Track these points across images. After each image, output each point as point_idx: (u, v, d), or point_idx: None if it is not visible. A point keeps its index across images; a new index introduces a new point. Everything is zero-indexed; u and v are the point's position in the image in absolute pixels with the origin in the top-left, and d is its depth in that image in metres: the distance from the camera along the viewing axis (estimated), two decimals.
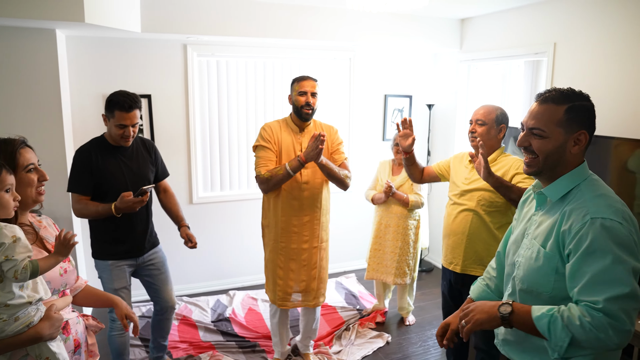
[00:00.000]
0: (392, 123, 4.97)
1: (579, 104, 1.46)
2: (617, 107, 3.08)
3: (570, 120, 1.45)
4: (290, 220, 2.88)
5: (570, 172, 1.49)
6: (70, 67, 3.73)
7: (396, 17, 4.28)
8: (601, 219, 1.36)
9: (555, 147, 1.47)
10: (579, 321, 1.32)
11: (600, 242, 1.35)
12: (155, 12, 3.51)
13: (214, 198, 4.42)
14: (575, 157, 1.49)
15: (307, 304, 3.01)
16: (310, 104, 2.80)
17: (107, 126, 2.61)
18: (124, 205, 2.44)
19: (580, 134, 1.46)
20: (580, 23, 3.32)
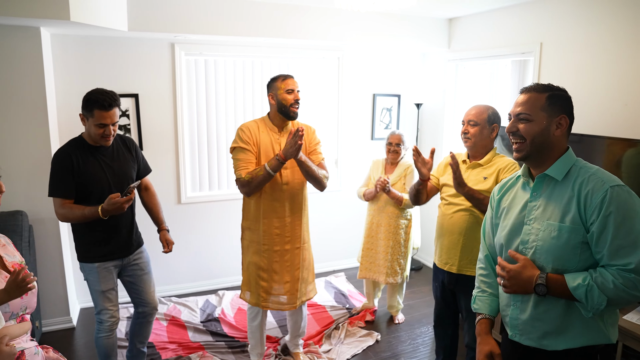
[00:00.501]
0: (380, 122, 4.98)
1: (558, 93, 1.65)
2: (602, 106, 3.12)
3: (552, 105, 1.62)
4: (272, 222, 2.84)
5: (564, 155, 1.64)
6: (56, 66, 3.68)
7: (384, 16, 4.29)
8: (619, 186, 1.52)
9: (541, 130, 1.62)
10: (613, 284, 1.48)
11: (621, 207, 1.49)
12: (143, 11, 3.48)
13: (202, 198, 4.39)
14: (558, 141, 1.64)
15: (292, 307, 2.97)
16: (299, 102, 2.79)
17: (86, 126, 2.52)
18: (112, 207, 2.39)
19: (561, 118, 1.62)
20: (566, 23, 3.36)
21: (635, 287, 1.47)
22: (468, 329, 2.65)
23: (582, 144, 2.93)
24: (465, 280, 2.58)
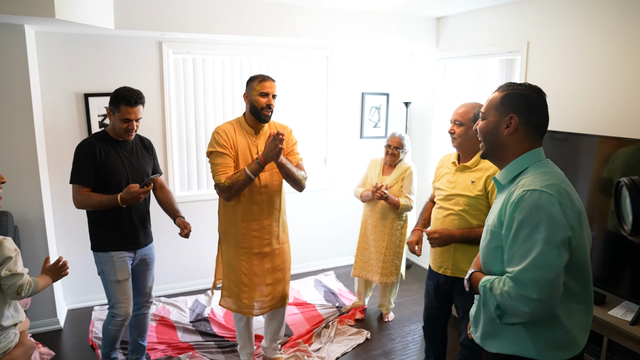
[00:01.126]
0: (369, 121, 4.99)
1: (517, 92, 1.56)
2: (588, 104, 3.15)
3: (504, 104, 1.57)
4: (250, 225, 2.82)
5: (519, 157, 1.57)
6: (41, 64, 3.63)
7: (373, 15, 4.30)
8: (531, 191, 1.44)
9: (489, 128, 1.60)
10: (500, 290, 1.45)
11: (522, 213, 1.43)
12: (129, 9, 3.44)
13: (191, 197, 4.37)
14: (511, 141, 1.58)
15: (274, 306, 2.96)
16: (272, 107, 2.74)
17: (111, 120, 2.69)
18: (130, 196, 2.54)
19: (511, 117, 1.55)
20: (553, 22, 3.39)
21: (516, 297, 1.40)
22: (464, 327, 2.64)
23: (568, 142, 2.96)
24: (461, 281, 2.53)
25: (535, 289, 1.37)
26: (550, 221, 1.39)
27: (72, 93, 3.77)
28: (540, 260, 1.38)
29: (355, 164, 4.94)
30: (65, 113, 3.78)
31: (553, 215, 1.40)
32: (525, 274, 1.39)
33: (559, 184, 1.46)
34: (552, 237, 1.39)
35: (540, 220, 1.40)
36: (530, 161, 1.56)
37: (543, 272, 1.38)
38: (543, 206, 1.41)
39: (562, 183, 1.48)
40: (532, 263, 1.39)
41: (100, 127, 3.85)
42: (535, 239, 1.40)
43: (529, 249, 1.40)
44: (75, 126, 3.82)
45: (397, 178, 3.57)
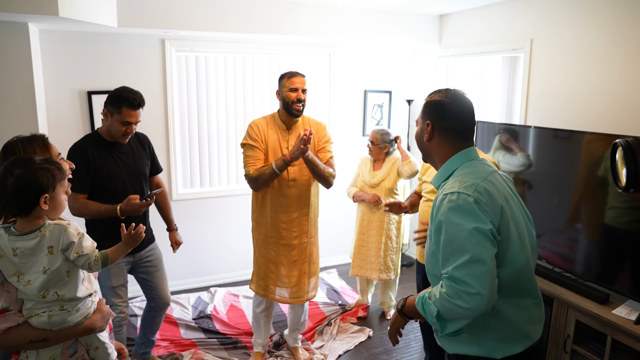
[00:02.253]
0: (372, 118, 4.99)
1: (430, 99, 1.66)
2: (591, 102, 3.14)
3: (423, 112, 1.68)
4: (278, 217, 2.89)
5: (446, 162, 1.64)
6: (45, 62, 3.63)
7: (375, 12, 4.29)
8: (450, 194, 1.49)
9: (417, 135, 1.71)
10: (439, 294, 1.47)
11: (444, 215, 1.48)
12: (132, 6, 3.44)
13: (194, 195, 4.37)
14: (433, 147, 1.66)
15: (299, 300, 3.01)
16: (302, 101, 2.80)
17: (108, 122, 2.53)
18: (129, 207, 2.43)
19: (427, 124, 1.65)
20: (556, 20, 3.38)
21: (456, 296, 1.41)
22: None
23: (571, 140, 2.95)
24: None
25: (473, 282, 1.39)
26: (471, 219, 1.43)
27: (76, 91, 3.78)
28: (470, 255, 1.40)
29: (358, 161, 4.93)
30: (69, 110, 3.78)
31: (473, 213, 1.44)
32: (460, 271, 1.41)
33: (477, 183, 1.49)
34: (477, 232, 1.42)
35: (462, 219, 1.44)
36: (456, 164, 1.61)
37: (476, 266, 1.40)
38: (462, 206, 1.45)
39: (483, 181, 1.51)
40: (464, 260, 1.41)
41: None
42: (461, 237, 1.43)
43: (458, 248, 1.43)
44: (78, 123, 3.83)
45: (389, 170, 3.64)
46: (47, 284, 1.50)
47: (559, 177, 2.98)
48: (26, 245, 1.48)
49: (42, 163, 1.50)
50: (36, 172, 1.47)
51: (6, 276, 1.50)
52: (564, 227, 2.99)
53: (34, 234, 1.49)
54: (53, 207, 1.53)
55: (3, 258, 1.49)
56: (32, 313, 1.52)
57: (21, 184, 1.45)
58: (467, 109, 1.63)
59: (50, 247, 1.50)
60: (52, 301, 1.53)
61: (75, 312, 1.57)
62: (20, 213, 1.48)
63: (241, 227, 4.49)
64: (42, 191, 1.48)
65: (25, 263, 1.49)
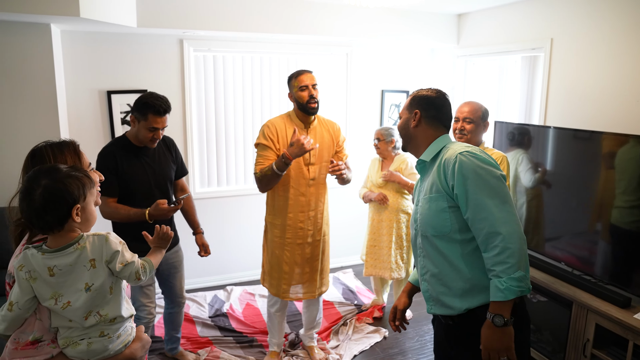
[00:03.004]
0: (389, 119, 4.97)
1: (418, 94, 1.97)
2: (614, 103, 3.08)
3: (410, 104, 1.97)
4: (297, 217, 2.89)
5: (435, 140, 1.91)
6: (66, 62, 3.70)
7: (393, 12, 4.27)
8: (464, 152, 1.73)
9: (402, 123, 1.99)
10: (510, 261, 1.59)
11: (471, 166, 1.68)
12: (151, 7, 3.49)
13: (211, 194, 4.41)
14: (419, 132, 1.93)
15: (311, 295, 3.04)
16: (315, 97, 2.77)
17: (135, 127, 2.58)
18: (158, 212, 2.46)
19: (415, 112, 1.93)
20: (577, 19, 3.32)
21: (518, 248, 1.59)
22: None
23: (591, 140, 2.90)
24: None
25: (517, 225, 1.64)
26: (493, 167, 1.70)
27: (95, 90, 3.84)
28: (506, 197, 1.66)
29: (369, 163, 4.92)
30: (89, 110, 3.84)
31: (492, 163, 1.72)
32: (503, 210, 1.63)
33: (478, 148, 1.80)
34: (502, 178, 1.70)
35: (489, 166, 1.69)
36: (444, 142, 1.90)
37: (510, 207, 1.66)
38: (482, 157, 1.71)
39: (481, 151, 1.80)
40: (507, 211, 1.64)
41: (122, 124, 3.91)
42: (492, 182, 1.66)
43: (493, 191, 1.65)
44: (98, 123, 3.89)
45: (396, 169, 3.65)
46: (90, 303, 1.38)
47: (578, 178, 2.93)
48: (65, 262, 1.35)
49: (69, 171, 1.37)
50: (65, 181, 1.33)
51: (42, 300, 1.36)
52: (584, 228, 2.94)
53: (72, 248, 1.36)
54: (85, 218, 1.40)
55: (37, 281, 1.35)
56: (69, 342, 1.39)
57: (50, 195, 1.31)
58: (448, 104, 1.98)
59: (93, 260, 1.38)
60: (92, 325, 1.40)
61: (116, 339, 1.45)
62: (52, 228, 1.34)
63: (258, 226, 4.50)
64: (74, 201, 1.34)
65: (64, 282, 1.36)
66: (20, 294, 1.35)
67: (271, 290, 3.04)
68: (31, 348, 1.37)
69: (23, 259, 1.36)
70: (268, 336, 3.28)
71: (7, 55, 3.20)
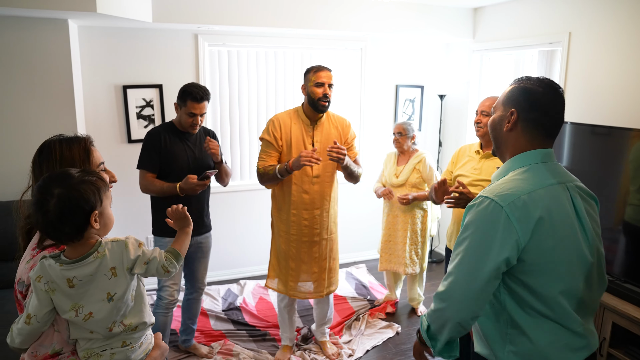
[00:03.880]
0: (403, 114, 4.94)
1: (519, 86, 1.46)
2: (634, 98, 3.03)
3: (507, 99, 1.48)
4: (301, 214, 2.88)
5: (511, 159, 1.47)
6: (83, 57, 3.74)
7: (408, 6, 4.24)
8: (484, 197, 1.36)
9: (494, 122, 1.51)
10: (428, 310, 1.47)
11: (470, 218, 1.38)
12: (166, 2, 3.51)
13: (224, 188, 4.41)
14: (511, 138, 1.47)
15: (319, 295, 3.03)
16: (328, 96, 2.77)
17: (178, 114, 2.85)
18: (187, 186, 2.68)
19: (511, 112, 1.45)
20: (596, 12, 3.26)
21: (435, 299, 1.41)
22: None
23: (610, 136, 2.85)
24: None
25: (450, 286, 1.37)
26: (489, 232, 1.32)
27: (112, 85, 3.88)
28: (466, 267, 1.34)
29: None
30: (105, 104, 3.88)
31: (494, 227, 1.32)
32: (450, 276, 1.38)
33: (519, 195, 1.33)
34: (486, 248, 1.32)
35: (480, 228, 1.34)
36: (518, 165, 1.44)
37: (466, 279, 1.34)
38: (487, 216, 1.34)
39: (529, 194, 1.34)
40: (459, 268, 1.36)
41: (138, 118, 3.95)
42: (469, 245, 1.35)
43: (461, 253, 1.37)
44: (114, 117, 3.93)
45: (413, 166, 3.62)
46: (114, 313, 1.32)
47: (595, 175, 2.89)
48: (85, 272, 1.28)
49: (82, 176, 1.28)
50: (80, 187, 1.25)
51: (61, 313, 1.30)
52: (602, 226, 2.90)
53: (91, 257, 1.29)
54: (104, 224, 1.33)
55: (56, 292, 1.28)
56: (90, 353, 1.34)
57: (66, 204, 1.23)
58: (560, 104, 1.43)
59: (113, 269, 1.31)
60: (114, 336, 1.35)
61: (138, 348, 1.40)
62: (71, 239, 1.27)
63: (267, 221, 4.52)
64: (91, 209, 1.27)
65: (84, 293, 1.29)
66: (38, 307, 1.28)
67: (279, 287, 3.04)
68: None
69: (41, 269, 1.28)
70: (280, 330, 3.30)
71: (25, 50, 3.25)
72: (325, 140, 2.86)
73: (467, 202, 2.38)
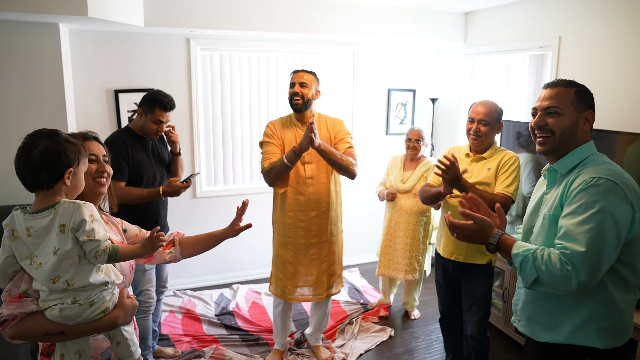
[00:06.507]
0: (395, 117, 4.96)
1: (584, 89, 1.66)
2: (623, 101, 3.06)
3: (580, 100, 1.63)
4: (297, 216, 2.89)
5: (578, 148, 1.64)
6: (74, 61, 3.72)
7: (400, 10, 4.26)
8: (597, 178, 1.50)
9: (570, 124, 1.63)
10: (545, 266, 1.49)
11: (590, 196, 1.49)
12: (158, 6, 3.50)
13: (217, 192, 4.42)
14: (584, 136, 1.66)
15: (318, 298, 3.03)
16: (298, 94, 2.83)
17: (141, 119, 2.81)
18: (171, 189, 2.70)
19: (588, 113, 1.64)
20: (586, 16, 3.30)
21: (564, 277, 1.45)
22: (470, 317, 2.65)
23: (600, 139, 2.88)
24: (470, 268, 2.61)
25: (589, 272, 1.43)
26: (616, 211, 1.46)
27: (103, 89, 3.86)
28: (601, 248, 1.44)
29: (381, 160, 4.90)
30: (97, 108, 3.87)
31: (619, 205, 1.47)
32: (583, 257, 1.43)
33: (622, 175, 1.53)
34: (616, 227, 1.46)
35: (607, 208, 1.46)
36: (588, 152, 1.64)
37: (600, 259, 1.44)
38: (611, 194, 1.47)
39: (624, 173, 1.55)
40: (592, 248, 1.43)
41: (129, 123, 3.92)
42: (599, 226, 1.45)
43: (594, 235, 1.44)
44: (105, 121, 3.91)
45: (421, 174, 3.59)
46: (57, 267, 1.40)
47: None
48: (40, 224, 1.41)
49: (69, 137, 1.48)
50: (65, 144, 1.44)
51: (19, 259, 1.43)
52: None
53: (47, 212, 1.41)
54: (74, 184, 1.47)
55: (17, 240, 1.42)
56: (45, 305, 1.44)
57: (49, 154, 1.41)
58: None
59: (62, 226, 1.41)
60: (62, 291, 1.43)
61: (89, 306, 1.45)
62: (42, 186, 1.42)
63: (264, 224, 4.51)
64: (69, 164, 1.43)
65: (39, 244, 1.42)
66: (1, 251, 1.44)
67: (276, 292, 3.04)
68: (17, 301, 1.43)
69: (9, 218, 1.45)
70: (273, 334, 3.29)
71: (17, 54, 3.23)
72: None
73: (455, 177, 2.40)
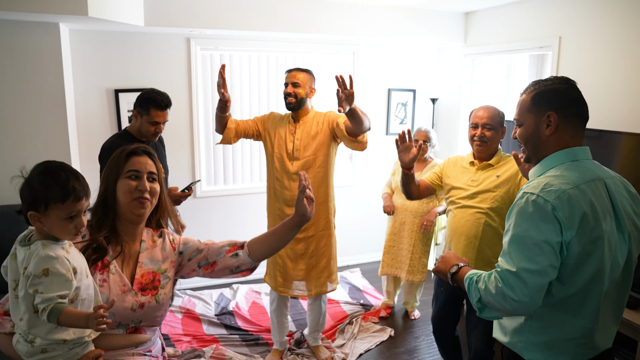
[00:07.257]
0: (395, 117, 4.96)
1: (545, 88, 1.52)
2: (624, 101, 3.06)
3: (537, 104, 1.52)
4: (283, 210, 2.93)
5: (550, 156, 1.52)
6: (74, 61, 3.72)
7: (400, 10, 4.26)
8: (529, 194, 1.42)
9: (529, 132, 1.54)
10: (484, 286, 1.47)
11: (516, 214, 1.43)
12: (159, 6, 3.50)
13: (217, 192, 4.42)
14: (552, 140, 1.51)
15: (309, 294, 3.04)
16: (291, 94, 2.86)
17: (137, 122, 2.72)
18: (171, 198, 2.62)
19: (548, 115, 1.49)
20: (586, 16, 3.30)
21: (498, 295, 1.41)
22: (472, 329, 2.57)
23: (601, 139, 2.88)
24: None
25: (520, 291, 1.38)
26: (543, 228, 1.38)
27: (103, 89, 3.86)
28: (529, 264, 1.37)
29: (381, 160, 4.91)
30: (97, 108, 3.87)
31: (546, 220, 1.38)
32: (513, 276, 1.39)
33: (564, 190, 1.39)
34: (545, 241, 1.37)
35: (533, 224, 1.39)
36: (557, 162, 1.50)
37: (530, 276, 1.37)
38: (537, 210, 1.39)
39: (573, 188, 1.40)
40: (521, 266, 1.38)
41: (129, 122, 3.92)
42: (527, 242, 1.39)
43: (521, 252, 1.40)
44: (106, 121, 3.91)
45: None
46: (16, 307, 1.31)
47: None
48: (20, 257, 1.30)
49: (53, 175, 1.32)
50: (36, 184, 1.29)
51: (10, 279, 1.34)
52: None
53: (26, 247, 1.30)
54: (48, 226, 1.29)
55: (14, 261, 1.35)
56: (14, 330, 1.37)
57: (20, 191, 1.30)
58: (580, 93, 1.53)
59: (25, 268, 1.27)
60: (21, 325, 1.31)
61: (39, 352, 1.29)
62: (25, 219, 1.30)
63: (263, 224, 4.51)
64: (28, 208, 1.28)
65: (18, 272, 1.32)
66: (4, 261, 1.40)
67: (270, 282, 3.10)
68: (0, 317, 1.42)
69: (21, 235, 1.39)
70: (271, 334, 3.29)
71: (17, 54, 3.22)
72: (305, 137, 2.90)
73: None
